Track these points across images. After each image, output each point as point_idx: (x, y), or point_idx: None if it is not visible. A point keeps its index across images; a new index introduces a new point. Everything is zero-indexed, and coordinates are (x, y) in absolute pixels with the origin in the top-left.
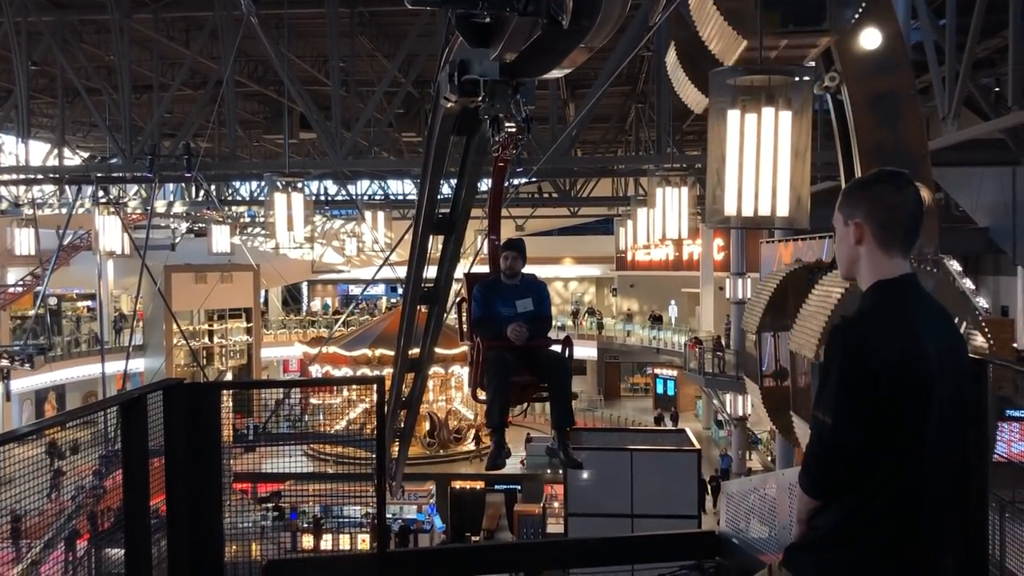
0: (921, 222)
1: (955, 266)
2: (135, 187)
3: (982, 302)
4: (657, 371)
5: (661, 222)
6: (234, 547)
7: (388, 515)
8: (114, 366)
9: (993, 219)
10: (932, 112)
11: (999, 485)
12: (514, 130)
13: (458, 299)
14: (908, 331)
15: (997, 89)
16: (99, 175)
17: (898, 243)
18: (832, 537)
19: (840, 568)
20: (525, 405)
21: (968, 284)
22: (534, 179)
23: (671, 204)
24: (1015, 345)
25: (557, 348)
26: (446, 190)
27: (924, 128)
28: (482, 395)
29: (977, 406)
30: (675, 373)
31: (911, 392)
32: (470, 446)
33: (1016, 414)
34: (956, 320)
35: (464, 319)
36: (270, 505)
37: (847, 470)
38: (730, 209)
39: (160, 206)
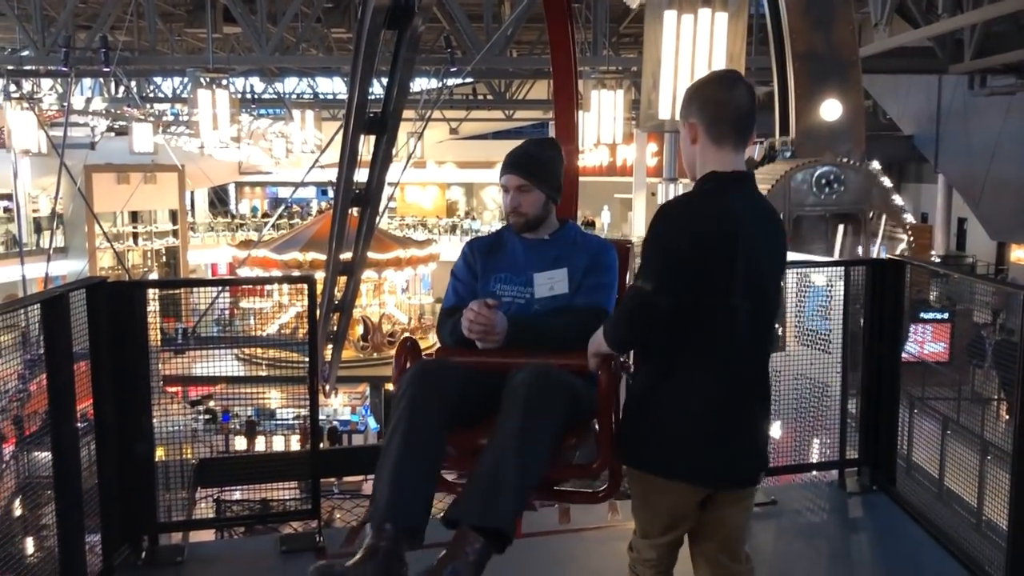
0: (753, 118)
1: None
2: (50, 82)
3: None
4: None
5: (596, 126)
6: (165, 449)
7: (322, 417)
8: (35, 269)
9: (918, 127)
10: (865, 18)
11: (911, 383)
12: None
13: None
14: (723, 210)
15: None
16: (10, 68)
17: (729, 138)
18: (645, 403)
19: (648, 433)
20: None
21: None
22: (468, 80)
23: (606, 108)
24: (933, 251)
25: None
26: (377, 89)
27: (856, 34)
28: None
29: (894, 306)
30: None
31: (719, 267)
32: None
33: (929, 316)
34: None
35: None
36: (202, 408)
37: (656, 330)
38: (664, 113)
39: (78, 102)
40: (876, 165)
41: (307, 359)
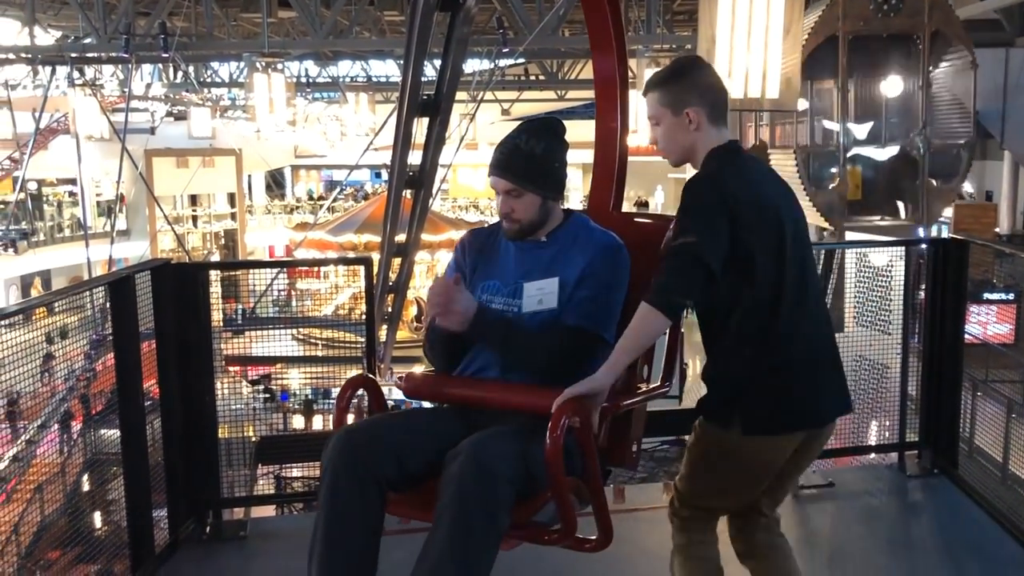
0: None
1: None
2: (111, 69)
3: (967, 186)
4: None
5: None
6: (228, 427)
7: None
8: (99, 251)
9: (983, 103)
10: None
11: (974, 365)
12: None
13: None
14: (748, 178)
15: None
16: (73, 55)
17: (723, 117)
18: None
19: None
20: None
21: None
22: (520, 61)
23: None
24: (997, 229)
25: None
26: (430, 72)
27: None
28: None
29: (956, 286)
30: None
31: (758, 226)
32: None
33: (994, 296)
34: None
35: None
36: (261, 387)
37: (707, 287)
38: None
39: (138, 88)
40: None
41: (363, 339)
